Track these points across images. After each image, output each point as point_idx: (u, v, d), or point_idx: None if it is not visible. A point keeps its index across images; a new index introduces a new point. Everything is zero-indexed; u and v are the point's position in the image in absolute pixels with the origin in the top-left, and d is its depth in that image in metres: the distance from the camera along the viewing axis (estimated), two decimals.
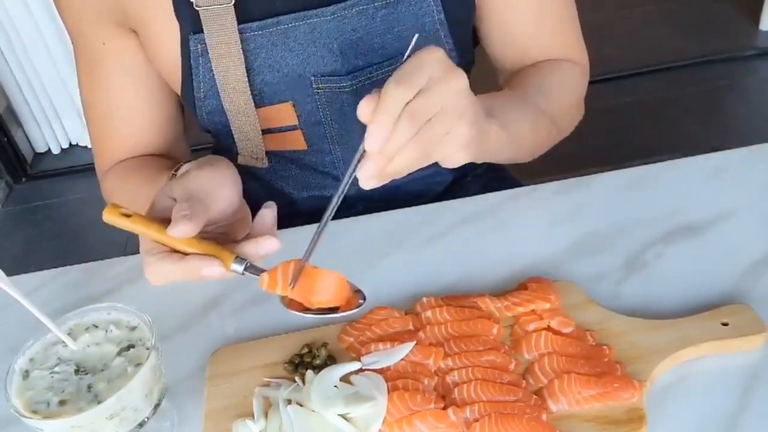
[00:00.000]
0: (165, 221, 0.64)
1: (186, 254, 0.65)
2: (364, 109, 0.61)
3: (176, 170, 0.78)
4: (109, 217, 0.66)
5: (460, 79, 0.65)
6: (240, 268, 0.66)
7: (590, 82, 1.03)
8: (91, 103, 0.96)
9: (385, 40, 0.88)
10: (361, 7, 0.86)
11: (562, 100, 0.97)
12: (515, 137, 0.81)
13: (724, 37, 2.93)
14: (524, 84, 0.95)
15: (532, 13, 0.95)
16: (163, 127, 0.98)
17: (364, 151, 0.63)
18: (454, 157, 0.67)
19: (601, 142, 1.98)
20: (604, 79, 2.64)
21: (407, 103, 0.61)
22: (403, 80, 0.62)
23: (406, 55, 0.64)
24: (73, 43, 0.93)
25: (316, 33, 0.87)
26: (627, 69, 2.74)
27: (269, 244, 0.67)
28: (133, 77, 0.93)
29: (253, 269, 0.66)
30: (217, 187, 0.69)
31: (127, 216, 0.66)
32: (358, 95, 0.90)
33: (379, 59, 0.89)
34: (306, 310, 0.67)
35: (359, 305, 0.67)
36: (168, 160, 0.97)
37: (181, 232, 0.63)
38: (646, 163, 0.95)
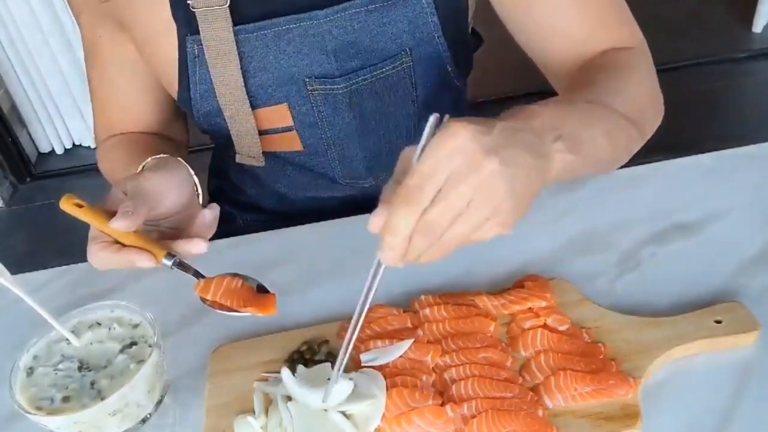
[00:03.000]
0: (113, 213, 0.70)
1: (125, 246, 0.71)
2: (374, 225, 0.59)
3: (144, 166, 0.83)
4: (64, 206, 0.73)
5: (486, 167, 0.56)
6: (169, 263, 0.71)
7: None
8: (92, 84, 1.01)
9: (378, 42, 0.88)
10: (353, 10, 0.86)
11: (637, 95, 0.85)
12: (588, 155, 0.71)
13: (717, 40, 2.94)
14: (592, 85, 0.82)
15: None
16: (155, 111, 1.02)
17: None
18: (495, 235, 0.61)
19: None
20: None
21: (424, 212, 0.56)
22: (411, 197, 0.56)
23: (421, 144, 0.57)
24: (79, 28, 0.97)
25: (310, 35, 0.87)
26: None
27: (198, 247, 0.73)
28: (127, 68, 0.97)
29: (182, 266, 0.72)
30: (165, 189, 0.76)
31: (79, 206, 0.72)
32: (352, 97, 0.91)
33: (372, 61, 0.89)
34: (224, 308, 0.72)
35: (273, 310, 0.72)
36: (157, 139, 1.03)
37: (120, 225, 0.69)
38: (640, 164, 0.95)
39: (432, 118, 0.58)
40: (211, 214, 0.77)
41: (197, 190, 0.83)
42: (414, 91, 0.93)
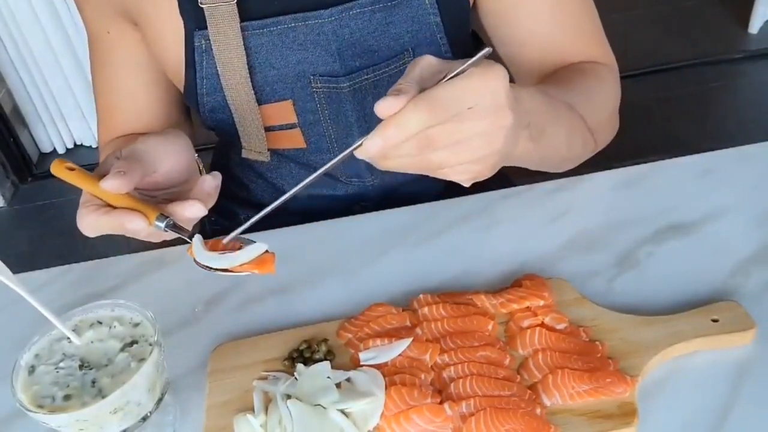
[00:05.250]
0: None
1: (115, 208, 0.69)
2: (383, 109, 0.57)
3: None
4: (55, 170, 0.71)
5: (503, 120, 0.58)
6: (161, 224, 0.69)
7: None
8: (97, 84, 1.00)
9: (382, 42, 0.90)
10: (357, 10, 0.87)
11: (602, 108, 0.91)
12: (545, 147, 0.74)
13: (714, 40, 2.95)
14: (568, 84, 0.86)
15: (545, 9, 0.91)
16: (162, 113, 1.02)
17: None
18: (456, 180, 0.63)
19: None
20: None
21: (429, 126, 0.57)
22: (437, 106, 0.56)
23: (464, 66, 0.58)
24: (85, 27, 0.96)
25: (314, 34, 0.88)
26: (620, 71, 2.76)
27: (194, 209, 0.70)
28: (135, 67, 0.97)
29: (176, 228, 0.69)
30: (161, 153, 0.74)
31: (71, 170, 0.71)
32: (356, 95, 0.91)
33: (376, 61, 0.90)
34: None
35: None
36: None
37: (110, 185, 0.67)
38: (637, 164, 0.96)
39: (485, 50, 0.58)
40: (212, 181, 0.74)
41: (199, 165, 0.82)
42: None
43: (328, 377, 0.69)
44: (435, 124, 0.57)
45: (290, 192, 0.63)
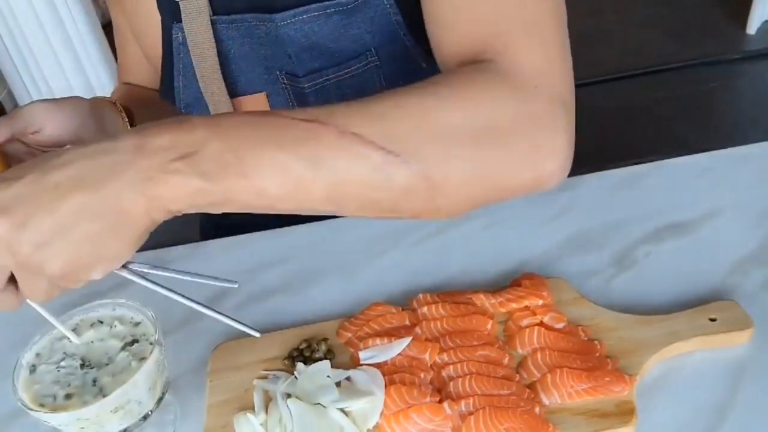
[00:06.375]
0: None
1: None
2: None
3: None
4: None
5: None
6: None
7: (584, 84, 1.01)
8: (114, 27, 1.09)
9: (341, 43, 0.88)
10: (311, 14, 0.86)
11: (438, 125, 0.60)
12: (258, 180, 0.59)
13: (713, 41, 2.96)
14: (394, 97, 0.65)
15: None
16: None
17: None
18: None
19: (593, 143, 2.00)
20: (597, 81, 2.66)
21: None
22: None
23: None
24: None
25: (272, 36, 0.88)
26: (619, 72, 2.75)
27: None
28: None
29: None
30: (48, 117, 0.81)
31: None
32: (318, 96, 0.91)
33: (336, 62, 0.89)
34: None
35: None
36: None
37: None
38: (637, 164, 0.96)
39: None
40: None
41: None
42: (385, 88, 0.93)
43: (328, 376, 0.70)
44: None
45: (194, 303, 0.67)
